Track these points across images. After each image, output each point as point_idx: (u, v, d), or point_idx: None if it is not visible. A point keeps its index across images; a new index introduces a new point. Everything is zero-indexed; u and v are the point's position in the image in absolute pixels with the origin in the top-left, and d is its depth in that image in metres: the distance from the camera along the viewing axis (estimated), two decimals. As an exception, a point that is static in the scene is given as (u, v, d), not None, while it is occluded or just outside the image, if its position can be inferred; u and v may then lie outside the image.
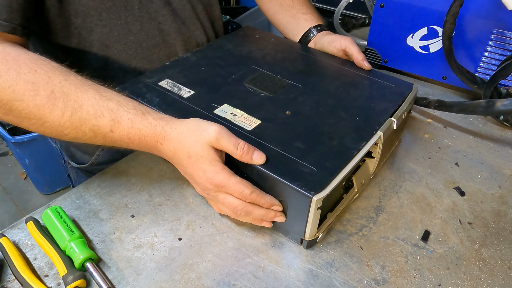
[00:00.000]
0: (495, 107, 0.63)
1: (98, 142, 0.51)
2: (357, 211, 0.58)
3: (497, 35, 0.74)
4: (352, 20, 1.10)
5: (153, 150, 0.52)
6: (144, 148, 0.51)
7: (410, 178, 0.64)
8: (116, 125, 0.49)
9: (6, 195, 1.89)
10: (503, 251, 0.53)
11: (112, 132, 0.49)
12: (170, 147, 0.50)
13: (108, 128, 0.49)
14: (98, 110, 0.49)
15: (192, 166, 0.49)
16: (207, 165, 0.48)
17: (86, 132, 0.49)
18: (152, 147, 0.51)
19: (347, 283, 0.49)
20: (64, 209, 0.55)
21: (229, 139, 0.49)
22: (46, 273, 0.49)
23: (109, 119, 0.49)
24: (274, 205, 0.50)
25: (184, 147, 0.49)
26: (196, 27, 0.74)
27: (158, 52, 0.70)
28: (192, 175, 0.50)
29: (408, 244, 0.54)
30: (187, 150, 0.49)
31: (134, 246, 0.53)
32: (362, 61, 0.69)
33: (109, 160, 0.76)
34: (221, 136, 0.48)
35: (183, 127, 0.50)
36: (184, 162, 0.50)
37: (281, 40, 0.77)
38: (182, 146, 0.49)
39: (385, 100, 0.62)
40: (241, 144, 0.49)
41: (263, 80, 0.65)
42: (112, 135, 0.49)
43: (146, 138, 0.50)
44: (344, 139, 0.54)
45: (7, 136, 1.59)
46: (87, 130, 0.49)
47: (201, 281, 0.49)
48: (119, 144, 0.51)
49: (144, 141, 0.50)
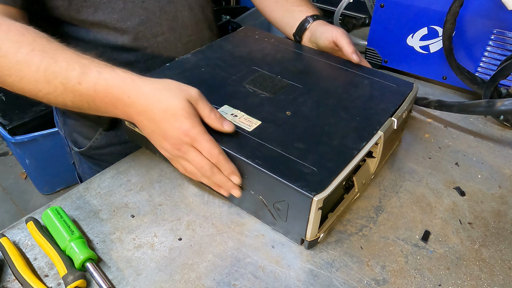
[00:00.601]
0: (495, 107, 0.63)
1: (68, 98, 0.51)
2: (357, 211, 0.58)
3: (497, 35, 0.74)
4: (352, 20, 1.10)
5: (117, 105, 0.51)
6: (109, 104, 0.51)
7: (410, 178, 0.64)
8: (84, 76, 0.50)
9: (6, 195, 1.89)
10: (503, 251, 0.53)
11: (80, 84, 0.50)
12: (141, 100, 0.49)
13: (76, 80, 0.50)
14: (71, 64, 0.50)
15: (167, 120, 0.49)
16: (185, 118, 0.48)
17: (57, 86, 0.50)
18: (116, 100, 0.50)
19: (347, 283, 0.49)
20: (64, 209, 0.55)
21: (207, 102, 0.51)
22: (46, 273, 0.49)
23: (79, 72, 0.50)
24: (234, 175, 0.51)
25: (161, 101, 0.49)
26: (183, 7, 0.74)
27: (144, 31, 0.70)
28: (165, 129, 0.49)
29: (408, 244, 0.54)
30: (165, 103, 0.49)
31: (134, 246, 0.53)
32: (351, 54, 0.69)
33: (106, 144, 0.78)
34: (202, 97, 0.51)
35: (161, 84, 0.50)
36: (158, 117, 0.49)
37: (281, 41, 0.77)
38: (158, 100, 0.49)
39: (385, 99, 0.62)
40: (215, 111, 0.52)
41: (263, 81, 0.65)
42: (79, 87, 0.50)
43: (113, 89, 0.49)
44: (344, 139, 0.54)
45: (7, 136, 1.59)
46: (58, 83, 0.50)
47: (201, 281, 0.49)
48: (86, 100, 0.51)
49: (110, 93, 0.50)
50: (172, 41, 0.74)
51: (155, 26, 0.71)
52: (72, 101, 0.52)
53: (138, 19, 0.69)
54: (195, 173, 0.53)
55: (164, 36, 0.72)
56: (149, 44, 0.71)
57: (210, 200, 0.59)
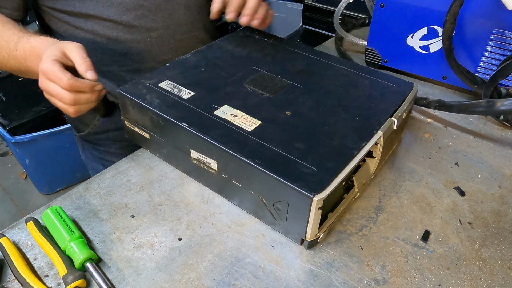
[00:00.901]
0: (495, 107, 0.63)
1: (11, 63, 0.64)
2: (357, 211, 0.58)
3: (497, 35, 0.74)
4: (352, 20, 1.09)
5: (36, 60, 0.59)
6: (33, 62, 0.61)
7: (410, 178, 0.64)
8: (18, 44, 0.62)
9: (6, 195, 1.89)
10: (503, 251, 0.53)
11: (16, 50, 0.62)
12: (43, 50, 0.59)
13: (14, 47, 0.63)
14: (11, 37, 0.63)
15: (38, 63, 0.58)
16: (45, 59, 0.56)
17: (4, 56, 0.64)
18: (36, 55, 0.60)
19: (347, 283, 0.49)
20: (64, 209, 0.55)
21: (84, 54, 0.57)
22: (46, 273, 0.49)
23: (15, 41, 0.63)
24: (94, 85, 0.56)
25: (45, 51, 0.58)
26: (180, 6, 0.77)
27: (138, 25, 0.73)
28: (38, 70, 0.58)
29: (408, 244, 0.54)
30: (46, 51, 0.57)
31: (134, 246, 0.53)
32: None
33: (104, 130, 0.85)
34: (79, 49, 0.57)
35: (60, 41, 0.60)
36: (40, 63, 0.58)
37: (281, 41, 0.77)
38: (46, 50, 0.58)
39: (385, 99, 0.62)
40: (87, 62, 0.56)
41: (263, 81, 0.65)
42: (16, 53, 0.63)
43: (35, 48, 0.61)
44: (344, 139, 0.54)
45: (7, 136, 1.59)
46: (4, 53, 0.64)
47: (201, 281, 0.49)
48: (21, 62, 0.63)
49: (33, 52, 0.61)
50: (165, 37, 0.77)
51: (150, 22, 0.74)
52: (14, 65, 0.64)
53: (134, 14, 0.72)
54: (64, 107, 0.58)
55: (158, 32, 0.75)
56: (143, 38, 0.74)
57: (210, 200, 0.59)
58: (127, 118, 0.65)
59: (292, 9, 2.10)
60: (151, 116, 0.59)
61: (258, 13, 0.70)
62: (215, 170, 0.56)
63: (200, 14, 0.81)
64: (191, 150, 0.57)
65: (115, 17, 0.71)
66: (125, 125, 0.67)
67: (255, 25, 0.70)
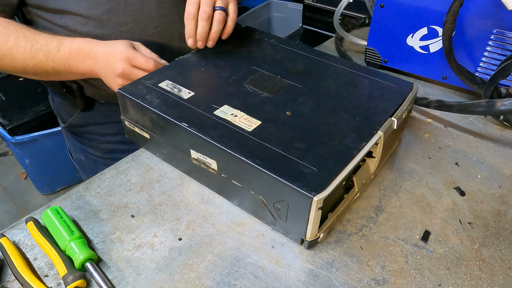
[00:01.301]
0: (495, 107, 0.63)
1: (49, 65, 0.67)
2: (357, 211, 0.58)
3: (497, 35, 0.74)
4: (352, 20, 1.09)
5: (85, 60, 0.66)
6: (80, 61, 0.66)
7: (410, 178, 0.64)
8: (60, 45, 0.66)
9: (6, 195, 1.89)
10: (503, 251, 0.53)
11: (58, 51, 0.66)
12: (100, 49, 0.65)
13: (56, 49, 0.66)
14: (48, 40, 0.67)
15: (114, 56, 0.64)
16: (124, 48, 0.64)
17: (41, 59, 0.67)
18: (85, 55, 0.66)
19: (347, 283, 0.49)
20: (64, 209, 0.55)
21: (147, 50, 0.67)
22: (46, 273, 0.49)
23: (56, 44, 0.67)
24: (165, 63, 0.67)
25: (112, 47, 0.65)
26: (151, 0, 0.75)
27: (108, 20, 0.73)
28: (114, 63, 0.64)
29: (408, 244, 0.54)
30: (114, 47, 0.65)
31: (134, 246, 0.53)
32: None
33: (84, 123, 0.87)
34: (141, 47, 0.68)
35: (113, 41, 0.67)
36: (111, 57, 0.64)
37: (281, 41, 0.77)
38: (110, 47, 0.65)
39: (385, 99, 0.62)
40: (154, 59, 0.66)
41: (263, 81, 0.65)
42: (58, 54, 0.66)
43: (83, 48, 0.66)
44: (344, 139, 0.54)
45: (7, 136, 1.59)
46: (42, 56, 0.67)
47: (201, 281, 0.49)
48: (63, 62, 0.67)
49: (81, 51, 0.66)
50: (136, 32, 0.75)
51: (120, 16, 0.73)
52: (52, 67, 0.67)
53: (103, 9, 0.72)
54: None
55: (128, 26, 0.74)
56: (113, 33, 0.74)
57: (210, 200, 0.59)
58: (127, 118, 0.65)
59: (292, 9, 2.10)
60: (151, 116, 0.59)
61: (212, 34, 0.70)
62: (215, 170, 0.56)
63: (174, 7, 0.78)
64: (191, 150, 0.57)
65: (86, 12, 0.71)
66: (125, 125, 0.67)
67: (210, 45, 0.71)
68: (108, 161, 0.88)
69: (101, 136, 0.88)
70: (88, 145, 0.90)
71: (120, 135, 0.87)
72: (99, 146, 0.89)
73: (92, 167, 0.92)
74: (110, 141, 0.88)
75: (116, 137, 0.88)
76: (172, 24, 0.79)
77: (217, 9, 0.68)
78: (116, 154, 0.88)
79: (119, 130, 0.86)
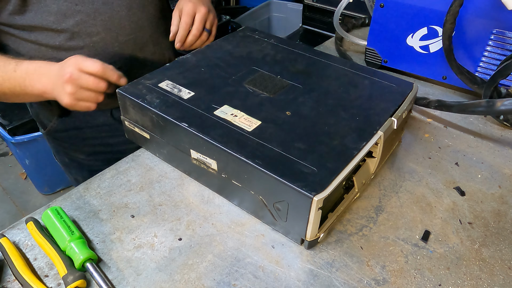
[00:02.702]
0: (495, 107, 0.63)
1: (5, 86, 0.67)
2: (357, 211, 0.58)
3: (497, 35, 0.74)
4: (352, 20, 1.10)
5: (40, 79, 0.65)
6: (35, 80, 0.65)
7: (410, 178, 0.64)
8: (18, 66, 0.66)
9: (6, 195, 1.89)
10: (503, 251, 0.53)
11: (15, 72, 0.66)
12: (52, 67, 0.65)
13: (13, 69, 0.66)
14: (7, 62, 0.67)
15: (63, 67, 0.63)
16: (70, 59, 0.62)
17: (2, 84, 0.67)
18: (40, 74, 0.65)
19: (347, 283, 0.49)
20: (64, 210, 0.55)
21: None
22: (46, 273, 0.49)
23: (14, 65, 0.67)
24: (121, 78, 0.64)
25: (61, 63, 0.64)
26: (120, 8, 0.75)
27: (79, 31, 0.73)
28: (63, 74, 0.62)
29: (408, 244, 0.54)
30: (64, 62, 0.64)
31: (134, 246, 0.53)
32: None
33: (64, 128, 0.86)
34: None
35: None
36: (60, 70, 0.63)
37: (281, 41, 0.77)
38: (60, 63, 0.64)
39: (385, 99, 0.62)
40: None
41: (263, 81, 0.65)
42: (14, 74, 0.66)
43: (40, 68, 0.65)
44: (344, 139, 0.54)
45: (7, 136, 1.59)
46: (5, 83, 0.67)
47: (201, 281, 0.49)
48: (19, 83, 0.66)
49: (38, 71, 0.65)
50: (108, 41, 0.76)
51: (90, 26, 0.73)
52: (8, 88, 0.67)
53: (73, 21, 0.72)
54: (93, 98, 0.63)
55: (100, 36, 0.74)
56: (85, 44, 0.74)
57: (210, 200, 0.59)
58: (127, 118, 0.65)
59: (292, 9, 2.10)
60: (151, 116, 0.59)
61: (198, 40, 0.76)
62: (215, 170, 0.56)
63: (144, 12, 0.79)
64: (191, 150, 0.57)
65: (55, 25, 0.71)
66: (125, 125, 0.67)
67: (178, 47, 0.75)
68: (92, 162, 0.90)
69: (82, 140, 0.88)
70: (70, 148, 0.90)
71: (100, 138, 0.87)
72: (81, 149, 0.89)
73: (77, 169, 0.92)
74: (91, 144, 0.88)
75: (96, 140, 0.88)
76: (143, 29, 0.80)
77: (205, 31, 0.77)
78: (100, 155, 0.89)
79: (98, 133, 0.87)
